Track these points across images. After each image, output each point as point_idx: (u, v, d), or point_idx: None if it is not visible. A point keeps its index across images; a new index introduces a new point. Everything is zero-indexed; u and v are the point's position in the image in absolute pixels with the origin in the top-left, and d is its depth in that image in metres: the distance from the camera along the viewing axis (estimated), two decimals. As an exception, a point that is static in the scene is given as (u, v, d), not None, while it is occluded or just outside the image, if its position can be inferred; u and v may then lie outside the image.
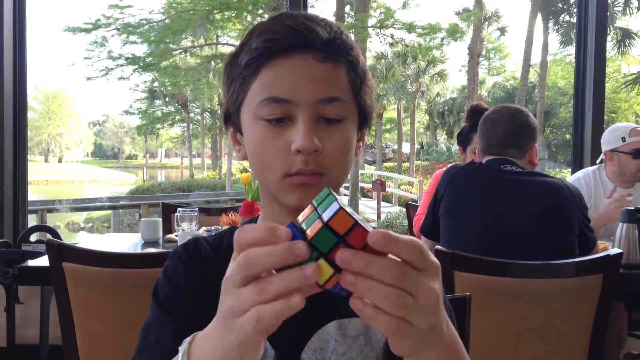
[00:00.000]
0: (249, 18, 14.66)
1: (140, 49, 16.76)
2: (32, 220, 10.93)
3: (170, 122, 26.54)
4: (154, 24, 14.63)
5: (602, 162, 2.70)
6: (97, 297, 1.70)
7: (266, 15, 13.59)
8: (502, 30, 27.30)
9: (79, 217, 17.39)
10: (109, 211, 14.81)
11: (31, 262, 2.14)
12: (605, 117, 3.47)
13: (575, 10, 11.79)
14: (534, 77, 23.15)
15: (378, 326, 0.45)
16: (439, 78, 25.32)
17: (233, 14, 14.59)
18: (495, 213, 1.81)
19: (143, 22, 14.54)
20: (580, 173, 2.77)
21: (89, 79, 15.20)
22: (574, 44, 4.54)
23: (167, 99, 24.38)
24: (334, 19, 14.89)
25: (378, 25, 15.49)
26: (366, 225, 0.46)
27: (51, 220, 14.04)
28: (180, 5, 14.92)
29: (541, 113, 19.26)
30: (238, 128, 0.76)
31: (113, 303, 1.69)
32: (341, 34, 0.73)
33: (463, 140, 2.80)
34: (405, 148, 26.23)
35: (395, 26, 15.14)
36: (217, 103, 22.52)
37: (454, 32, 15.05)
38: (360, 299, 0.44)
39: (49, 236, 2.88)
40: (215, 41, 17.80)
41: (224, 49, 16.95)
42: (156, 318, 0.74)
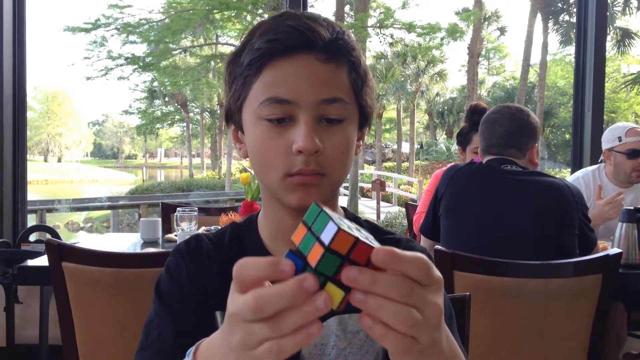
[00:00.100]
0: (249, 18, 14.66)
1: (139, 49, 16.72)
2: (32, 220, 10.92)
3: (169, 122, 26.54)
4: (154, 24, 14.63)
5: (603, 162, 2.70)
6: (97, 297, 1.70)
7: (266, 15, 13.58)
8: (502, 30, 27.31)
9: (79, 217, 17.38)
10: (109, 211, 14.81)
11: (30, 262, 2.14)
12: (604, 117, 3.47)
13: (575, 10, 11.81)
14: (534, 77, 23.14)
15: (388, 344, 0.44)
16: (439, 78, 25.31)
17: (233, 14, 14.59)
18: (495, 213, 1.81)
19: (143, 22, 14.54)
20: (579, 173, 2.77)
21: (89, 79, 15.21)
22: (574, 44, 4.54)
23: (167, 99, 24.37)
24: (334, 19, 14.86)
25: (378, 25, 15.49)
26: (365, 235, 0.45)
27: (50, 220, 14.03)
28: (180, 5, 14.91)
29: (541, 113, 19.25)
30: (239, 126, 0.77)
31: (113, 303, 1.69)
32: (343, 34, 0.73)
33: (462, 140, 2.79)
34: (404, 148, 26.22)
35: (394, 26, 15.14)
36: (217, 103, 22.51)
37: (454, 32, 15.05)
38: (369, 317, 0.44)
39: (49, 236, 2.87)
40: (214, 41, 17.79)
41: (224, 49, 16.94)
42: (158, 314, 0.75)
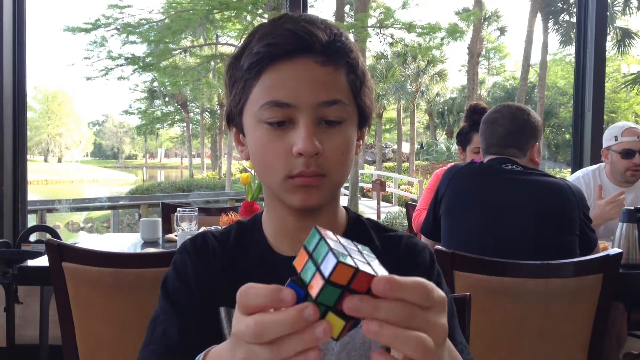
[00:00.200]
0: (249, 18, 14.66)
1: (139, 49, 16.70)
2: (32, 220, 10.93)
3: (169, 122, 26.54)
4: (154, 24, 14.63)
5: (604, 162, 2.70)
6: (97, 297, 1.70)
7: (266, 15, 13.58)
8: (502, 30, 27.30)
9: (79, 217, 17.39)
10: (109, 211, 14.82)
11: (31, 262, 2.14)
12: (605, 117, 3.47)
13: (575, 10, 11.81)
14: (534, 77, 23.14)
15: None
16: (439, 78, 25.30)
17: (233, 14, 14.60)
18: (495, 213, 1.81)
19: (143, 22, 14.54)
20: (579, 173, 2.77)
21: (89, 79, 15.21)
22: (574, 44, 4.54)
23: (167, 99, 24.37)
24: (334, 19, 14.89)
25: (378, 25, 15.49)
26: (365, 256, 0.46)
27: (51, 220, 14.04)
28: (179, 5, 14.92)
29: (541, 113, 19.24)
30: (240, 129, 0.78)
31: (113, 303, 1.69)
32: (341, 36, 0.74)
33: (462, 140, 2.79)
34: (405, 148, 26.23)
35: (395, 26, 15.14)
36: (217, 103, 22.51)
37: (454, 32, 15.04)
38: (382, 352, 0.44)
39: (49, 236, 2.87)
40: (214, 41, 17.80)
41: (224, 49, 16.95)
42: (164, 311, 0.77)
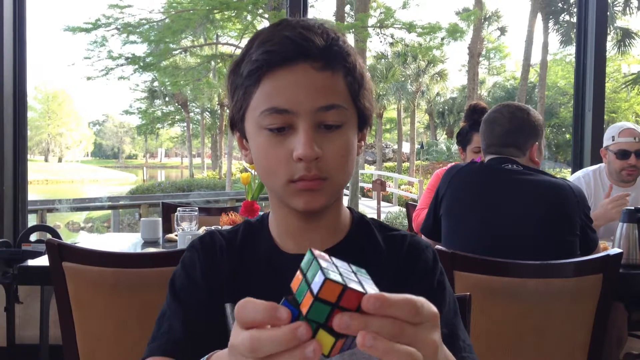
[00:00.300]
0: (249, 18, 14.67)
1: (140, 49, 16.75)
2: (32, 220, 10.94)
3: (170, 122, 26.52)
4: (154, 24, 14.62)
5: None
6: (97, 297, 1.70)
7: (266, 15, 13.59)
8: (502, 30, 27.26)
9: (79, 217, 17.39)
10: (109, 211, 14.83)
11: (31, 262, 2.13)
12: (605, 117, 3.46)
13: (575, 10, 11.79)
14: (534, 77, 23.12)
15: None
16: (439, 78, 25.29)
17: (233, 14, 14.59)
18: (496, 213, 1.81)
19: (143, 22, 14.53)
20: (580, 173, 2.77)
21: (89, 79, 15.19)
22: (574, 44, 4.53)
23: (167, 99, 24.34)
24: (334, 19, 14.88)
25: (378, 25, 15.47)
26: (358, 280, 0.46)
27: (51, 220, 14.05)
28: (180, 5, 14.92)
29: (541, 113, 19.16)
30: (243, 134, 0.79)
31: (113, 303, 1.69)
32: (338, 41, 0.75)
33: (462, 140, 2.79)
34: (405, 148, 26.21)
35: (395, 26, 15.13)
36: (217, 103, 22.50)
37: (454, 32, 15.03)
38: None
39: (49, 236, 2.88)
40: (215, 41, 17.78)
41: (224, 49, 16.95)
42: (170, 307, 0.80)
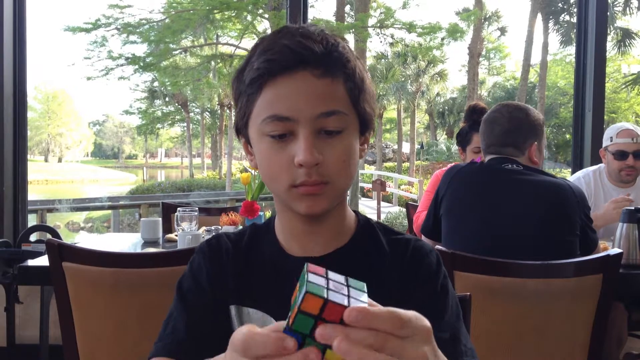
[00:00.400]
0: (249, 18, 14.67)
1: (140, 49, 16.77)
2: (32, 220, 10.93)
3: (170, 122, 26.54)
4: (154, 24, 14.63)
5: None
6: (97, 297, 1.70)
7: (266, 15, 13.59)
8: (502, 30, 27.27)
9: (79, 217, 17.39)
10: (109, 211, 14.83)
11: (31, 262, 2.13)
12: (605, 117, 3.46)
13: (575, 10, 11.78)
14: (534, 77, 23.12)
15: None
16: (439, 78, 25.29)
17: (233, 14, 14.60)
18: (496, 213, 1.80)
19: (143, 22, 14.54)
20: (580, 173, 2.77)
21: (89, 79, 15.22)
22: (574, 44, 4.53)
23: (167, 99, 24.36)
24: (334, 19, 14.89)
25: (378, 25, 15.48)
26: (348, 294, 0.46)
27: (51, 220, 14.05)
28: (180, 5, 14.93)
29: (541, 113, 19.14)
30: (248, 140, 0.81)
31: (113, 303, 1.69)
32: (337, 47, 0.76)
33: (462, 140, 2.78)
34: (405, 148, 26.22)
35: (395, 26, 15.14)
36: (217, 103, 22.51)
37: (454, 32, 15.04)
38: None
39: (49, 236, 2.88)
40: (215, 41, 17.78)
41: (224, 49, 16.94)
42: (176, 308, 0.83)
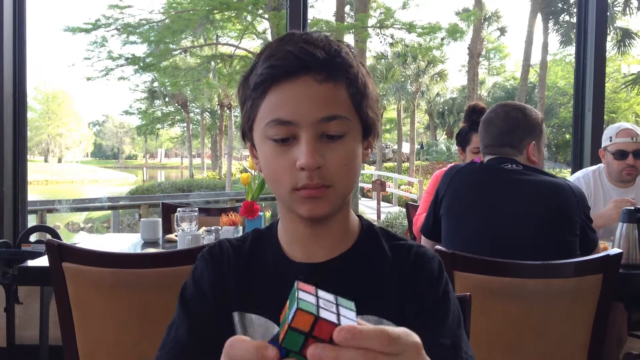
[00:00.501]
0: (249, 18, 14.68)
1: (140, 49, 16.75)
2: (32, 220, 10.93)
3: (170, 122, 26.55)
4: (154, 24, 14.64)
5: None
6: (97, 297, 1.70)
7: (266, 15, 13.60)
8: (502, 30, 27.27)
9: (79, 218, 17.39)
10: (109, 211, 14.82)
11: (31, 263, 2.13)
12: (605, 117, 3.46)
13: (575, 10, 11.78)
14: (534, 77, 23.13)
15: None
16: (439, 78, 25.30)
17: (233, 14, 14.61)
18: (495, 213, 1.80)
19: (143, 22, 14.55)
20: (579, 173, 2.77)
21: (89, 79, 15.24)
22: (574, 44, 4.54)
23: (167, 99, 24.36)
24: (334, 19, 14.89)
25: (378, 25, 15.49)
26: (338, 312, 0.46)
27: (51, 220, 14.04)
28: (180, 5, 14.93)
29: (541, 113, 19.18)
30: (253, 144, 0.82)
31: (113, 303, 1.69)
32: (340, 53, 0.77)
33: (462, 140, 2.78)
34: (405, 148, 26.22)
35: (395, 26, 15.15)
36: (217, 103, 22.51)
37: (454, 32, 15.05)
38: None
39: (49, 236, 2.88)
40: (215, 41, 17.79)
41: (224, 49, 16.95)
42: (179, 316, 0.83)
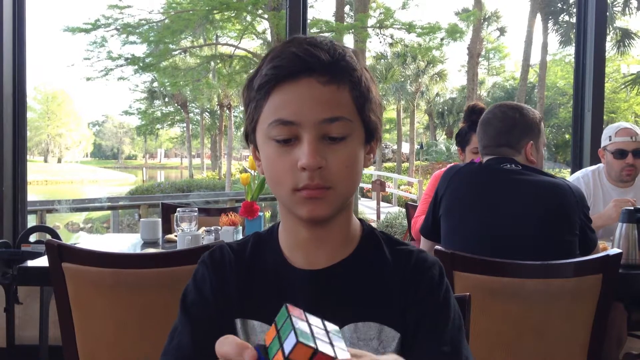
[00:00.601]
0: (249, 18, 14.68)
1: (139, 49, 16.75)
2: (32, 220, 10.90)
3: (169, 123, 26.52)
4: (154, 24, 14.64)
5: None
6: (97, 297, 1.70)
7: (266, 15, 13.60)
8: (502, 30, 27.26)
9: (79, 218, 17.37)
10: (109, 211, 14.79)
11: (31, 263, 2.13)
12: (604, 117, 3.47)
13: (574, 10, 11.80)
14: (534, 77, 23.12)
15: None
16: (439, 78, 25.29)
17: (232, 14, 14.60)
18: (495, 213, 1.80)
19: (142, 22, 14.55)
20: (579, 173, 2.77)
21: (89, 80, 15.23)
22: (574, 44, 4.54)
23: (167, 100, 24.33)
24: (334, 19, 14.90)
25: (378, 25, 15.50)
26: (330, 341, 0.46)
27: (50, 220, 14.03)
28: (179, 5, 14.93)
29: (541, 113, 19.16)
30: (256, 145, 0.83)
31: (113, 303, 1.70)
32: (344, 56, 0.78)
33: (461, 140, 2.79)
34: (404, 148, 26.21)
35: (394, 26, 15.16)
36: (217, 103, 22.50)
37: (454, 32, 15.05)
38: None
39: (49, 236, 2.87)
40: (214, 41, 17.78)
41: (224, 50, 16.95)
42: (181, 322, 0.82)
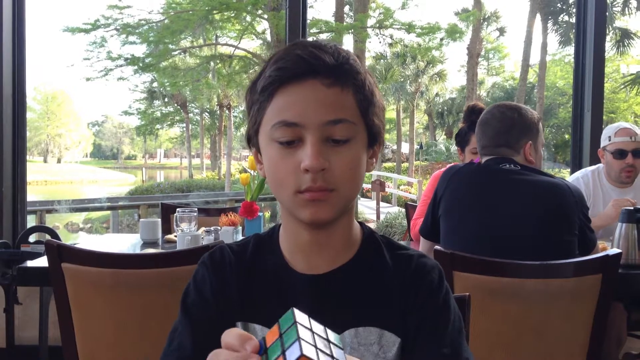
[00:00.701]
0: (248, 18, 14.68)
1: (139, 50, 16.75)
2: (31, 220, 10.90)
3: (169, 123, 26.50)
4: (153, 25, 14.64)
5: None
6: (97, 298, 1.70)
7: (265, 15, 13.60)
8: (501, 30, 27.25)
9: (78, 218, 17.37)
10: (108, 212, 14.79)
11: (30, 263, 2.13)
12: (604, 117, 3.47)
13: (574, 10, 11.80)
14: (533, 78, 23.12)
15: None
16: (438, 78, 25.29)
17: (232, 14, 14.61)
18: (494, 213, 1.80)
19: (142, 23, 14.55)
20: (579, 173, 2.77)
21: (88, 80, 15.22)
22: (573, 44, 4.54)
23: (166, 100, 24.32)
24: (333, 20, 14.90)
25: (377, 25, 15.51)
26: (331, 353, 0.47)
27: (50, 220, 14.03)
28: (179, 5, 14.93)
29: (540, 113, 19.21)
30: (258, 148, 0.82)
31: (112, 303, 1.69)
32: (348, 60, 0.78)
33: (461, 140, 2.79)
34: (404, 148, 26.21)
35: (394, 26, 15.17)
36: (216, 103, 22.50)
37: (453, 32, 15.07)
38: None
39: (48, 237, 2.87)
40: (214, 41, 17.78)
41: (223, 50, 16.95)
42: (182, 323, 0.82)
